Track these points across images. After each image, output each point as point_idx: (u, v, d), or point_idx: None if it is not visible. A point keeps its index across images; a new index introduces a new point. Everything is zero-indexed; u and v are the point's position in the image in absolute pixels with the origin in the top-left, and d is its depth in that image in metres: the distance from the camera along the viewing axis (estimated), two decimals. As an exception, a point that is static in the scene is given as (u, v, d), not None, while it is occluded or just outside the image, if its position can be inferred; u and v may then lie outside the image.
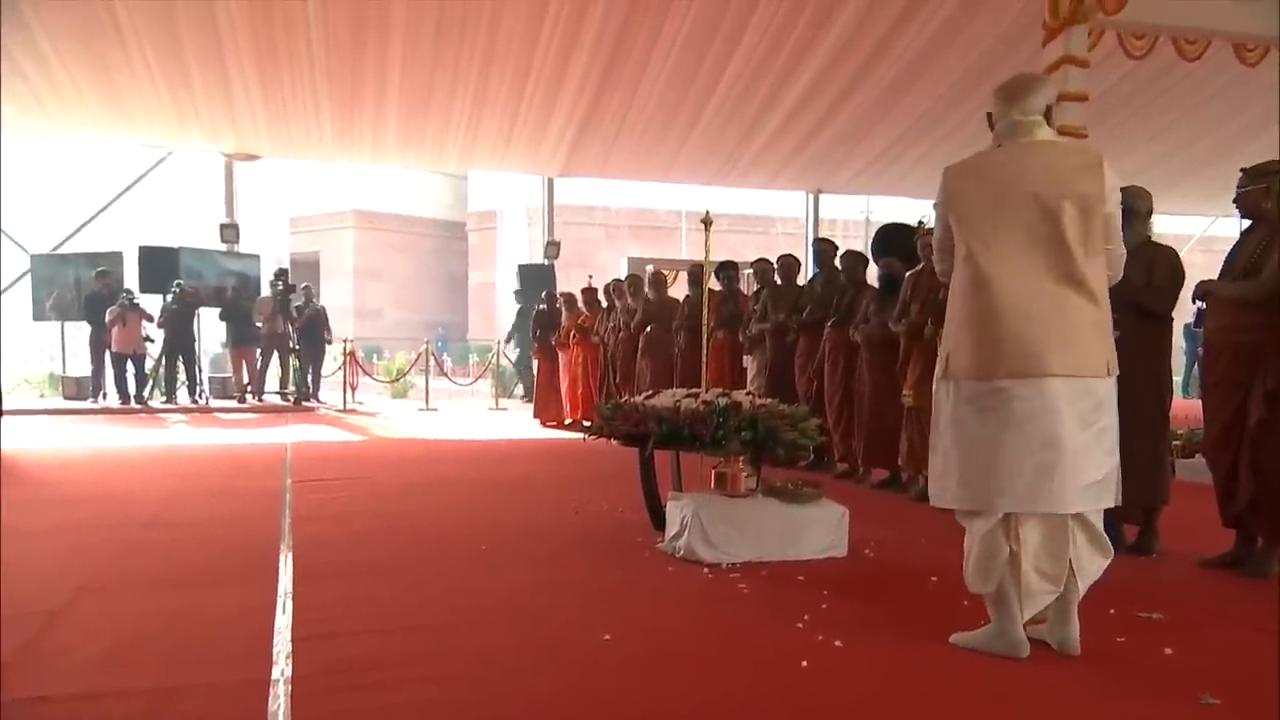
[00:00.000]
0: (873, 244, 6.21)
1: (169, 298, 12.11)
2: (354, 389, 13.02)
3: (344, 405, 12.50)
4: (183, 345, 12.29)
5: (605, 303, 9.86)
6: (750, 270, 7.68)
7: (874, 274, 6.16)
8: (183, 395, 12.54)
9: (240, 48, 9.85)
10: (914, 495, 5.29)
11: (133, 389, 12.02)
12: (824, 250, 6.85)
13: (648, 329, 8.60)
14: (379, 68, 10.34)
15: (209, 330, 13.44)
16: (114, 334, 11.76)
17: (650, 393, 4.51)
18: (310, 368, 13.11)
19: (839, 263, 6.52)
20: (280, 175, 23.55)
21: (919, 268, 5.34)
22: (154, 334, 12.13)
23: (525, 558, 3.86)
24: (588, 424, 5.82)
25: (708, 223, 4.65)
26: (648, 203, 25.43)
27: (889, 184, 14.58)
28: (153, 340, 12.21)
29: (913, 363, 5.22)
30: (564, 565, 3.76)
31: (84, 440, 8.58)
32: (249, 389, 12.86)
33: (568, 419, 10.13)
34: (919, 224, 5.49)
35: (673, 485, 4.40)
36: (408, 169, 25.13)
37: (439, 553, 3.94)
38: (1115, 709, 2.33)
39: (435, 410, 12.74)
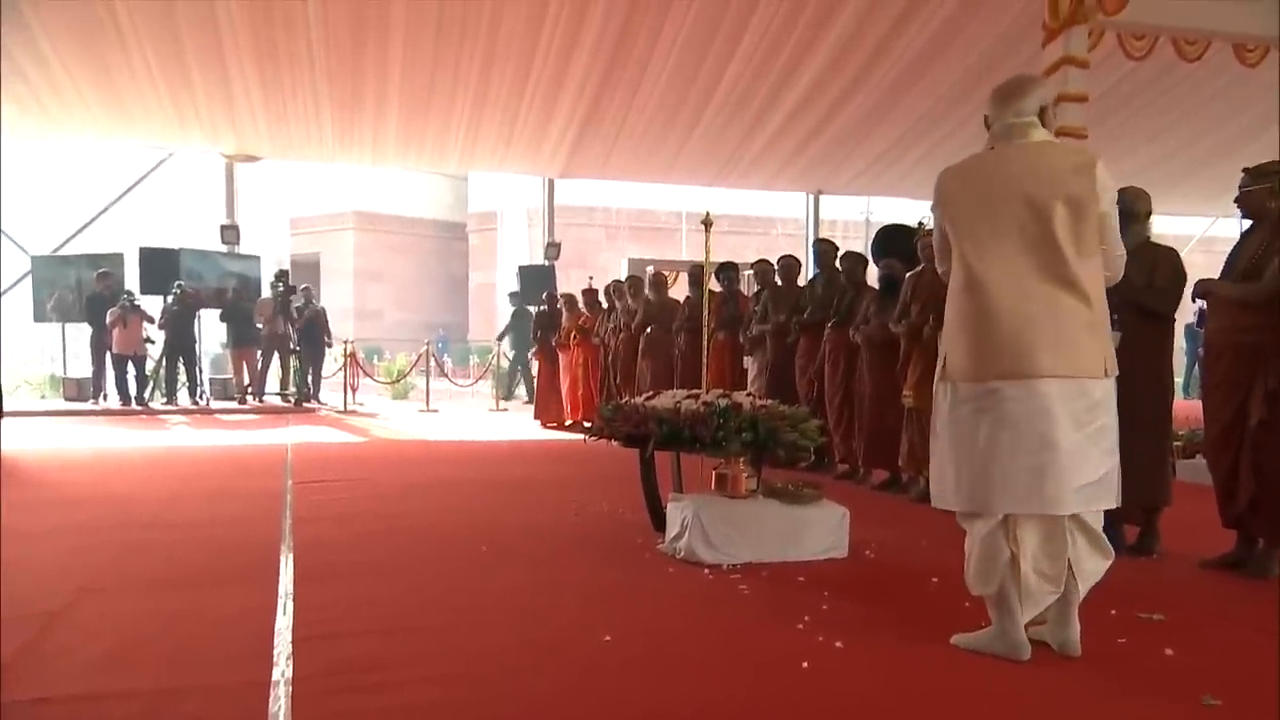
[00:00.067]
0: (873, 245, 6.21)
1: (170, 299, 12.11)
2: (354, 390, 13.00)
3: (344, 406, 12.49)
4: (183, 346, 12.28)
5: (606, 304, 9.85)
6: (751, 271, 7.67)
7: (874, 275, 6.16)
8: (183, 396, 12.53)
9: (241, 48, 9.84)
10: (914, 496, 5.29)
11: (133, 390, 12.01)
12: (824, 251, 6.84)
13: (648, 330, 8.59)
14: (379, 68, 10.34)
15: (209, 331, 13.43)
16: (115, 335, 11.74)
17: (651, 394, 4.52)
18: (311, 369, 13.10)
19: (839, 264, 6.52)
20: (281, 176, 23.60)
21: (919, 269, 5.34)
22: (155, 335, 12.12)
23: (526, 558, 3.86)
24: (588, 425, 5.82)
25: (708, 224, 4.66)
26: (648, 204, 25.38)
27: (889, 185, 14.55)
28: (153, 341, 12.20)
29: (913, 364, 5.22)
30: (564, 566, 3.76)
31: (85, 441, 8.58)
32: (249, 390, 12.86)
33: (568, 420, 10.13)
34: (919, 225, 5.49)
35: (673, 486, 4.40)
36: (408, 170, 25.19)
37: (440, 554, 3.94)
38: (1116, 710, 2.33)
39: (436, 411, 12.73)
